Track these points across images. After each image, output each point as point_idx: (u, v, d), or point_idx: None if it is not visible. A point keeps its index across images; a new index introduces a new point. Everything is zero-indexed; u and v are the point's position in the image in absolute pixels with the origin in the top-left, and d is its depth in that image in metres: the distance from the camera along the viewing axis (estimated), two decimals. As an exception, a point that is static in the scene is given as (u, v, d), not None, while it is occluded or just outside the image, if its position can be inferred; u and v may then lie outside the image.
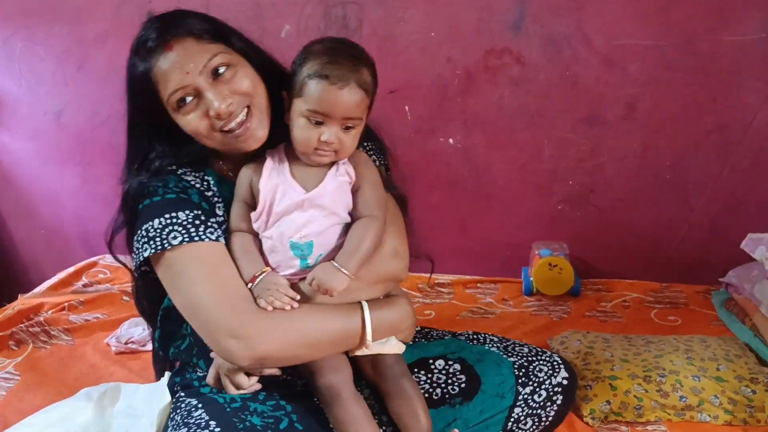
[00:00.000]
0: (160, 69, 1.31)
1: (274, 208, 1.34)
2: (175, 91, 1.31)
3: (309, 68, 1.29)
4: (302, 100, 1.30)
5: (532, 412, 1.52)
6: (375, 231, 1.36)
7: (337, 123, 1.30)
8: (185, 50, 1.31)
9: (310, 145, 1.31)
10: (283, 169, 1.36)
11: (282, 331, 1.31)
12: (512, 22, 2.44)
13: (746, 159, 2.45)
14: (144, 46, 1.32)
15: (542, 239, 2.63)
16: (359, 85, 1.29)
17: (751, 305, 2.17)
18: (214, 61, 1.32)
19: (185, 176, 1.42)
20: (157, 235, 1.33)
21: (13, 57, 2.81)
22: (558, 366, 1.57)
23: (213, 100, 1.31)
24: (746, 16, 2.31)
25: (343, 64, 1.28)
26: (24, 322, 2.28)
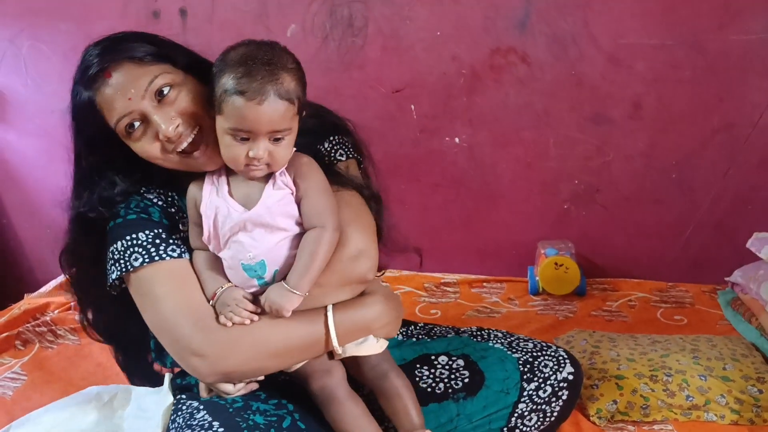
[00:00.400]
0: (103, 96, 1.29)
1: (219, 231, 1.30)
2: (121, 118, 1.29)
3: (224, 83, 1.21)
4: (223, 118, 1.23)
5: (537, 408, 1.51)
6: (326, 243, 1.30)
7: (263, 137, 1.22)
8: (125, 75, 1.28)
9: (240, 162, 1.24)
10: (221, 188, 1.31)
11: (243, 346, 1.30)
12: (518, 20, 2.44)
13: (753, 158, 2.45)
14: (85, 74, 1.30)
15: (548, 238, 2.63)
16: (280, 95, 1.20)
17: (758, 305, 2.16)
18: (156, 83, 1.28)
19: (147, 194, 1.42)
20: (120, 257, 1.34)
21: (20, 55, 2.82)
22: (563, 361, 1.55)
23: (160, 123, 1.28)
24: (753, 15, 2.30)
25: (259, 74, 1.20)
26: (30, 322, 2.29)
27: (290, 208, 1.31)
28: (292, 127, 1.25)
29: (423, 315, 2.41)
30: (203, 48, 2.76)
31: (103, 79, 1.28)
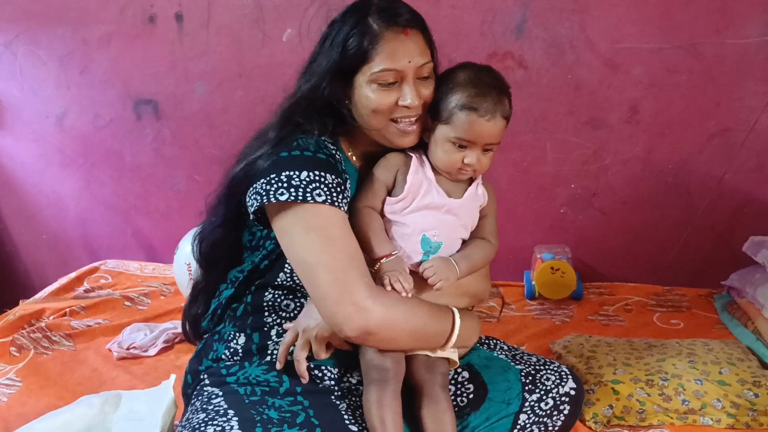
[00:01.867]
0: (390, 43, 1.39)
1: (417, 200, 1.44)
2: (391, 70, 1.39)
3: (457, 99, 1.39)
4: (449, 128, 1.41)
5: (539, 420, 1.51)
6: (488, 251, 1.53)
7: (479, 148, 1.41)
8: (416, 43, 1.41)
9: (454, 166, 1.43)
10: (426, 171, 1.46)
11: (397, 312, 1.36)
12: (515, 25, 2.44)
13: (749, 162, 2.45)
14: (387, 12, 1.40)
15: (545, 242, 2.63)
16: (503, 115, 1.40)
17: (754, 309, 2.16)
18: (426, 68, 1.43)
19: (328, 144, 1.47)
20: (300, 185, 1.35)
21: (16, 60, 2.82)
22: (566, 376, 1.56)
23: (411, 95, 1.40)
24: (749, 19, 2.31)
25: (490, 96, 1.39)
26: (25, 328, 2.28)
27: (477, 215, 1.54)
28: (500, 141, 1.44)
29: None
30: (199, 52, 2.78)
31: (401, 33, 1.39)
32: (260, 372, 1.46)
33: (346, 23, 1.43)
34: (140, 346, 2.15)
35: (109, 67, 2.76)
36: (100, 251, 3.04)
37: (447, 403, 1.45)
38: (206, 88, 2.71)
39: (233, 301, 1.55)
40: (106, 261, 2.91)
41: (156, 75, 2.74)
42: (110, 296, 2.57)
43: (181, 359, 2.09)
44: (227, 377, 1.47)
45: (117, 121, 2.84)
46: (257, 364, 1.47)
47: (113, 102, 2.82)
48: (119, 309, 2.49)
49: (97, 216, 3.02)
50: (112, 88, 2.79)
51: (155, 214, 2.97)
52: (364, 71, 1.40)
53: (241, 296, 1.53)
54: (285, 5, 2.55)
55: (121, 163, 2.90)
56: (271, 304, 1.50)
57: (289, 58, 2.57)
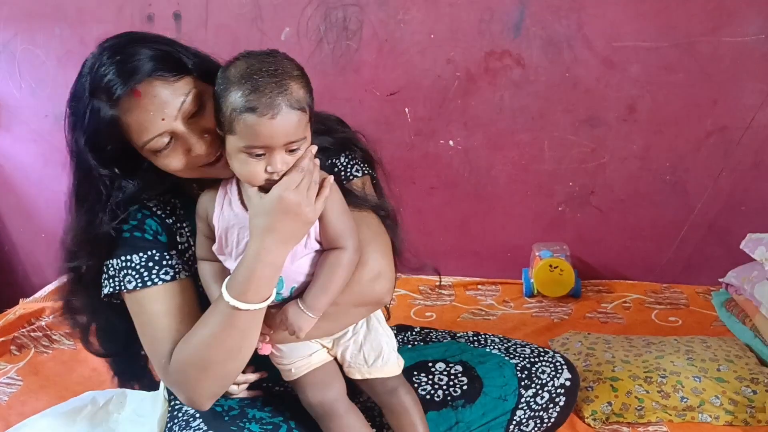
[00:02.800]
0: (133, 117, 1.21)
1: (233, 246, 1.25)
2: (153, 139, 1.21)
3: (232, 102, 1.14)
4: (235, 138, 1.15)
5: (535, 415, 1.52)
6: (345, 264, 1.26)
7: (280, 150, 1.15)
8: (155, 96, 1.20)
9: (258, 178, 1.17)
10: (234, 200, 1.25)
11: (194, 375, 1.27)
12: (513, 23, 2.44)
13: (746, 160, 2.46)
14: (108, 91, 1.19)
15: (543, 240, 2.64)
16: (291, 106, 1.13)
17: (752, 306, 2.17)
18: (187, 103, 1.22)
19: (148, 202, 1.37)
20: (116, 274, 1.33)
21: (14, 60, 2.81)
22: (561, 367, 1.56)
23: (195, 144, 1.23)
24: (745, 18, 2.31)
25: (267, 88, 1.13)
26: (25, 327, 2.28)
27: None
28: (306, 136, 1.19)
29: (418, 318, 2.42)
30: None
31: (132, 98, 1.20)
32: None
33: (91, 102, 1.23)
34: (140, 344, 2.15)
35: (108, 66, 2.76)
36: (100, 250, 3.03)
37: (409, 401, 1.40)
38: (205, 87, 2.71)
39: None
40: (105, 260, 2.91)
41: (154, 74, 2.74)
42: (110, 295, 2.57)
43: (181, 358, 2.09)
44: None
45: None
46: None
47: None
48: (119, 308, 2.49)
49: (96, 215, 3.01)
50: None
51: (154, 213, 2.97)
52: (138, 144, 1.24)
53: None
54: (283, 4, 2.55)
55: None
56: None
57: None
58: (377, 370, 1.38)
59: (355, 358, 1.37)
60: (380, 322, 1.42)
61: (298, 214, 1.17)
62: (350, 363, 1.38)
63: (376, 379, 1.39)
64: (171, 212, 1.39)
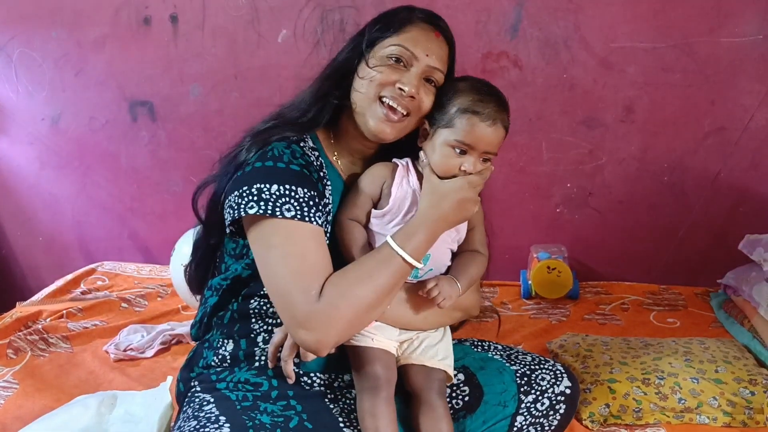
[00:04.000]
0: (418, 31, 1.44)
1: (403, 213, 1.44)
2: (407, 50, 1.42)
3: (460, 103, 1.39)
4: (450, 131, 1.40)
5: (535, 421, 1.52)
6: (482, 265, 1.53)
7: (477, 155, 1.39)
8: (440, 47, 1.46)
9: (452, 171, 1.40)
10: (413, 181, 1.45)
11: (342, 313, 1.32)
12: (510, 25, 2.44)
13: (744, 160, 2.46)
14: (430, 15, 1.48)
15: (541, 242, 2.63)
16: (503, 125, 1.41)
17: (750, 307, 2.17)
18: (437, 74, 1.45)
19: (307, 151, 1.46)
20: (270, 199, 1.35)
21: (11, 63, 2.81)
22: (561, 375, 1.56)
23: (412, 81, 1.42)
24: (743, 18, 2.31)
25: (492, 103, 1.39)
26: (22, 330, 2.27)
27: (465, 225, 1.52)
28: (497, 154, 1.43)
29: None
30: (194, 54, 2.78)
31: (431, 31, 1.46)
32: (249, 376, 1.45)
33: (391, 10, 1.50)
34: (137, 347, 2.14)
35: (105, 69, 2.76)
36: (97, 253, 3.03)
37: (444, 410, 1.45)
38: (201, 90, 2.71)
39: (219, 309, 1.54)
40: (102, 263, 2.90)
41: (151, 77, 2.74)
42: (107, 298, 2.56)
43: (178, 361, 2.08)
44: (218, 383, 1.46)
45: (112, 123, 2.84)
46: (246, 369, 1.47)
47: (108, 104, 2.81)
48: (116, 311, 2.49)
49: (93, 218, 3.01)
50: (108, 90, 2.79)
51: (151, 216, 2.97)
52: (384, 42, 1.45)
53: (226, 304, 1.53)
54: (280, 6, 2.55)
55: (117, 165, 2.90)
56: (257, 312, 1.49)
57: (284, 59, 2.57)
58: (443, 364, 1.50)
59: (429, 349, 1.50)
60: (450, 332, 1.59)
61: (465, 209, 1.41)
62: (423, 351, 1.49)
63: (434, 373, 1.48)
64: (320, 168, 1.48)
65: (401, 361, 1.49)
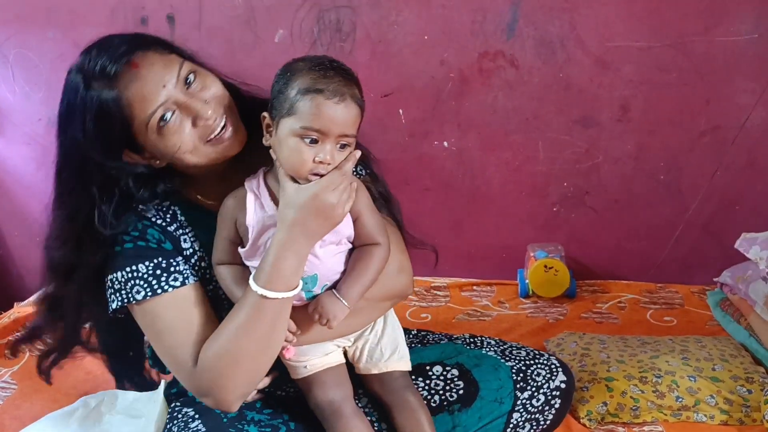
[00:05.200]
0: (133, 90, 1.21)
1: (265, 248, 1.26)
2: (156, 110, 1.22)
3: (300, 84, 1.20)
4: (294, 119, 1.19)
5: (531, 417, 1.52)
6: (379, 259, 1.32)
7: (332, 141, 1.20)
8: (153, 65, 1.23)
9: (305, 166, 1.20)
10: (266, 201, 1.28)
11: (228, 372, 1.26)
12: (506, 24, 2.44)
13: (740, 159, 2.46)
14: (102, 73, 1.20)
15: (538, 241, 2.64)
16: (354, 100, 1.21)
17: (746, 305, 2.17)
18: (184, 71, 1.25)
19: (146, 213, 1.34)
20: (122, 287, 1.30)
21: (7, 63, 2.80)
22: (556, 369, 1.56)
23: (201, 109, 1.24)
24: (738, 17, 2.31)
25: (336, 78, 1.20)
26: (20, 331, 2.27)
27: (346, 226, 1.30)
28: (356, 136, 1.24)
29: (413, 319, 2.42)
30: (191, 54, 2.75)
31: (130, 71, 1.21)
32: None
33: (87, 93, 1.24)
34: (135, 348, 2.14)
35: (101, 69, 2.76)
36: (94, 254, 3.03)
37: (416, 401, 1.43)
38: (198, 90, 2.71)
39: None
40: (100, 263, 2.90)
41: (148, 77, 2.73)
42: (104, 298, 2.56)
43: (175, 361, 2.08)
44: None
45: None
46: None
47: (105, 104, 2.81)
48: (113, 311, 2.48)
49: (90, 218, 3.01)
50: (104, 90, 2.79)
51: (148, 216, 2.96)
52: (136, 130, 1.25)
53: None
54: (276, 6, 2.55)
55: (114, 165, 2.89)
56: None
57: (281, 59, 2.53)
58: (393, 364, 1.43)
59: (372, 352, 1.42)
60: (393, 317, 1.49)
61: (330, 216, 1.21)
62: (368, 358, 1.42)
63: (389, 374, 1.43)
64: (172, 220, 1.37)
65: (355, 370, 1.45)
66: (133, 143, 1.27)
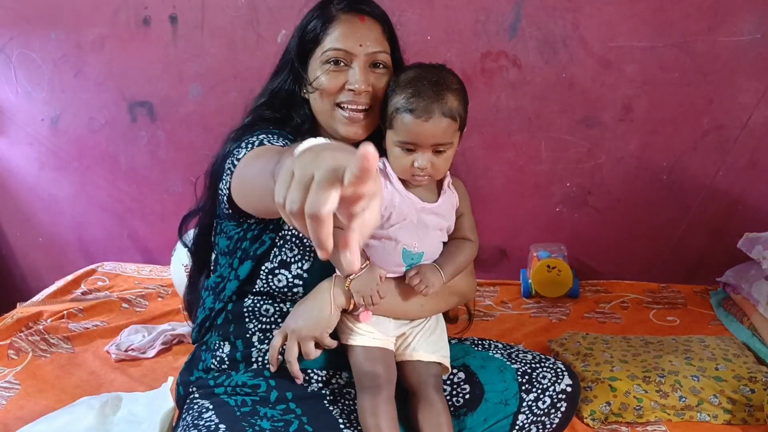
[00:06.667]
0: (343, 26, 1.43)
1: (393, 216, 1.40)
2: (340, 50, 1.42)
3: (396, 102, 1.37)
4: (393, 132, 1.38)
5: (537, 419, 1.52)
6: (470, 251, 1.52)
7: (427, 149, 1.36)
8: (370, 29, 1.44)
9: (406, 171, 1.39)
10: (394, 182, 1.42)
11: None
12: (508, 24, 2.45)
13: (743, 158, 2.46)
14: (340, 4, 1.45)
15: (540, 241, 2.64)
16: (443, 113, 1.34)
17: (749, 305, 2.17)
18: (381, 56, 1.45)
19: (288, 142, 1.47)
20: (257, 141, 1.38)
21: (10, 64, 2.81)
22: (562, 373, 1.57)
23: (358, 78, 1.41)
24: (741, 17, 2.32)
25: (426, 95, 1.34)
26: (23, 331, 2.27)
27: (453, 215, 1.50)
28: (453, 141, 1.39)
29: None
30: (193, 54, 2.78)
31: (357, 16, 1.44)
32: (247, 378, 1.46)
33: (310, 13, 1.49)
34: (138, 348, 2.15)
35: (104, 69, 2.76)
36: (97, 254, 3.03)
37: (442, 404, 1.46)
38: (201, 90, 2.71)
39: (215, 309, 1.54)
40: (103, 263, 2.90)
41: (150, 77, 2.74)
42: (108, 298, 2.56)
43: (179, 361, 2.09)
44: (216, 388, 1.47)
45: (112, 124, 2.84)
46: (243, 371, 1.47)
47: (108, 104, 2.81)
48: (117, 311, 2.49)
49: (93, 218, 3.01)
50: (107, 90, 2.79)
51: (151, 216, 2.97)
52: (317, 53, 1.45)
53: (222, 304, 1.53)
54: (279, 6, 2.55)
55: (117, 165, 2.90)
56: (251, 310, 1.49)
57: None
58: (437, 357, 1.50)
59: (424, 341, 1.50)
60: (443, 321, 1.60)
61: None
62: (417, 346, 1.49)
63: (427, 368, 1.48)
64: None
65: (397, 357, 1.49)
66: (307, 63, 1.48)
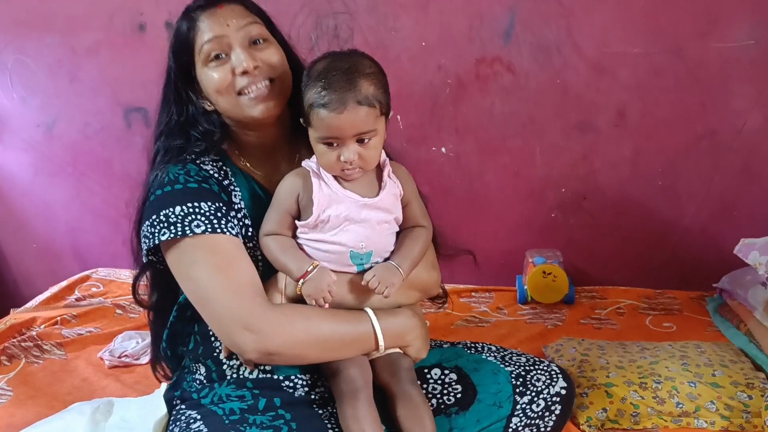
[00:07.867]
0: (206, 20, 1.41)
1: (332, 219, 1.38)
2: (211, 40, 1.40)
3: (309, 97, 1.32)
4: (313, 129, 1.34)
5: (531, 422, 1.51)
6: (425, 237, 1.48)
7: (351, 141, 1.33)
8: (231, 10, 1.42)
9: (334, 167, 1.35)
10: (329, 181, 1.39)
11: (296, 327, 1.35)
12: (503, 30, 2.45)
13: (737, 164, 2.46)
14: (194, 6, 1.44)
15: (536, 247, 2.63)
16: (359, 102, 1.30)
17: (745, 310, 2.17)
18: (254, 29, 1.42)
19: (204, 165, 1.46)
20: (178, 221, 1.35)
21: (5, 69, 2.81)
22: (556, 375, 1.56)
23: (242, 57, 1.39)
24: (734, 23, 2.32)
25: (338, 86, 1.30)
26: (16, 337, 2.27)
27: (398, 204, 1.45)
28: (376, 128, 1.35)
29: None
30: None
31: (213, 8, 1.42)
32: (230, 391, 1.45)
33: (175, 31, 1.48)
34: (132, 354, 2.14)
35: (99, 75, 2.76)
36: (91, 260, 3.02)
37: (420, 398, 1.44)
38: (196, 96, 2.71)
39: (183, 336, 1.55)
40: (97, 269, 2.89)
41: (146, 83, 2.72)
42: (101, 304, 2.56)
43: (173, 367, 2.08)
44: (202, 399, 1.46)
45: (107, 130, 2.83)
46: (225, 385, 1.47)
47: (103, 110, 2.81)
48: (110, 317, 2.48)
49: (87, 224, 3.00)
50: (102, 96, 2.79)
51: (146, 223, 2.96)
52: (196, 60, 1.44)
53: (188, 329, 1.54)
54: (274, 13, 2.49)
55: (111, 171, 2.89)
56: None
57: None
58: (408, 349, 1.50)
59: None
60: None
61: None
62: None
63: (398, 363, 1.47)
64: (224, 177, 1.48)
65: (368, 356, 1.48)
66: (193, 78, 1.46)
